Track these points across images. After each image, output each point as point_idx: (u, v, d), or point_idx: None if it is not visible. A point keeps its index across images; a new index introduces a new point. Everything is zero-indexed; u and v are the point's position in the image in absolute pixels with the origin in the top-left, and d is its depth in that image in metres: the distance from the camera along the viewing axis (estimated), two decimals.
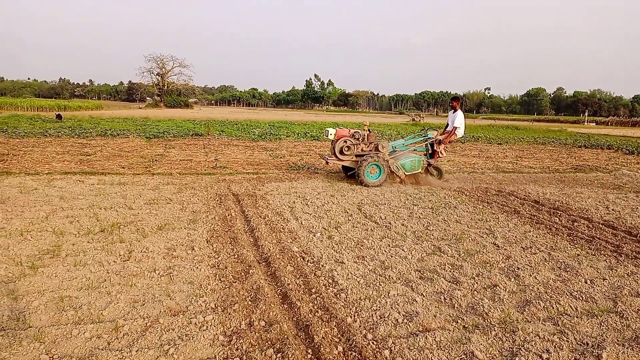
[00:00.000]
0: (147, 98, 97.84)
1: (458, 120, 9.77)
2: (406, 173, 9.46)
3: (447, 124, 10.19)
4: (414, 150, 9.88)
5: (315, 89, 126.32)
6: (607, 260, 5.06)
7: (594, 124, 61.93)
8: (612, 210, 7.57)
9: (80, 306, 3.49)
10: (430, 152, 9.98)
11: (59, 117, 27.48)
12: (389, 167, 9.19)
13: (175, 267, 4.37)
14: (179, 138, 18.23)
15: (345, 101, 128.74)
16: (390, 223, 6.27)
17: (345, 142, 9.22)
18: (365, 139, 9.39)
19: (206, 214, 6.43)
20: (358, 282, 4.19)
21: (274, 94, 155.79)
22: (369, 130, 9.55)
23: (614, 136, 30.64)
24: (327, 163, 9.81)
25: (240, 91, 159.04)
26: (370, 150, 9.35)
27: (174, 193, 7.79)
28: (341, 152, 9.26)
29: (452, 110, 10.00)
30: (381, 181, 9.12)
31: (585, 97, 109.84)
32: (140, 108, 66.72)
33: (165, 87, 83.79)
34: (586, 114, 76.75)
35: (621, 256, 5.18)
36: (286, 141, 18.89)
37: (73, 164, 10.69)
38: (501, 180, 10.65)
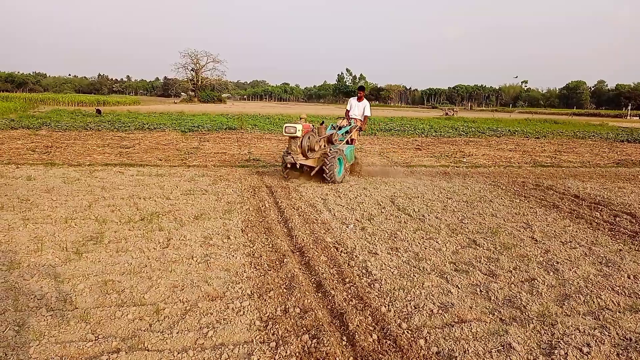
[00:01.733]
0: (182, 93, 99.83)
1: (368, 109, 9.83)
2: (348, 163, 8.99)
3: (348, 111, 10.13)
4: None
5: (347, 83, 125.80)
6: None
7: (638, 117, 59.35)
8: None
9: (123, 290, 3.63)
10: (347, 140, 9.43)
11: (98, 112, 28.39)
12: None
13: (211, 255, 4.47)
14: (213, 132, 18.55)
15: (377, 95, 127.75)
16: (424, 216, 6.21)
17: (309, 138, 8.05)
18: (320, 133, 8.63)
19: (241, 205, 6.54)
20: (392, 272, 4.19)
21: (305, 88, 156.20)
22: (321, 123, 8.94)
23: None
24: (287, 167, 8.35)
25: (272, 86, 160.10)
26: (325, 145, 8.68)
27: (209, 184, 7.95)
28: (311, 150, 8.16)
29: (356, 99, 10.09)
30: (344, 176, 8.62)
31: (629, 90, 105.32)
32: (175, 103, 68.22)
33: (199, 82, 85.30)
34: (629, 107, 73.65)
35: None
36: None
37: (113, 156, 11.05)
38: (539, 175, 10.37)
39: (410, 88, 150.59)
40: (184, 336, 2.97)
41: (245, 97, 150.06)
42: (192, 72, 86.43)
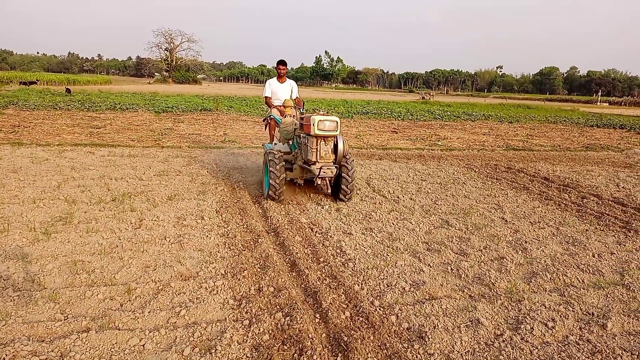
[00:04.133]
0: (156, 74, 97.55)
1: (296, 90, 7.68)
2: None
3: (268, 97, 7.54)
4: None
5: (325, 66, 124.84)
6: (616, 235, 5.05)
7: (607, 103, 60.90)
8: (623, 187, 7.51)
9: (93, 270, 3.57)
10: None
11: (68, 91, 27.52)
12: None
13: (185, 236, 4.43)
14: (187, 113, 18.23)
15: (355, 79, 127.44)
16: (398, 197, 6.28)
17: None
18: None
19: (215, 186, 6.48)
20: (366, 252, 4.23)
21: None
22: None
23: (627, 116, 30.14)
24: (296, 183, 6.26)
25: (249, 67, 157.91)
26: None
27: (184, 165, 7.84)
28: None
29: (276, 78, 7.54)
30: None
31: (599, 76, 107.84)
32: (149, 83, 66.61)
33: (174, 62, 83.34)
34: (599, 93, 75.47)
35: (630, 232, 5.16)
36: None
37: (83, 136, 10.76)
38: (511, 158, 10.57)
39: (387, 72, 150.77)
40: (155, 315, 2.95)
41: (221, 78, 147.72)
42: (166, 51, 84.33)
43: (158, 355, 2.56)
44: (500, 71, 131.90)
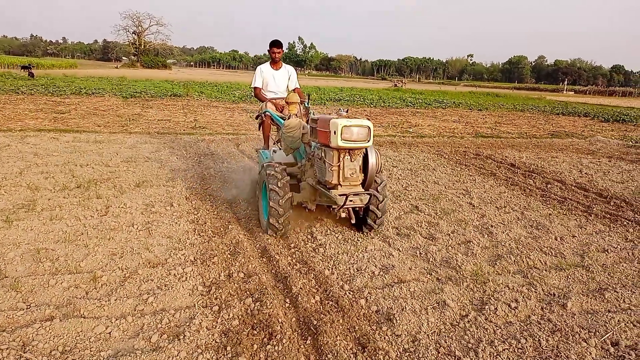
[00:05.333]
0: (123, 58, 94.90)
1: (295, 78, 6.15)
2: None
3: (258, 89, 5.97)
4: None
5: (298, 52, 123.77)
6: (578, 219, 5.23)
7: (573, 92, 62.62)
8: (585, 173, 7.77)
9: (57, 258, 3.48)
10: None
11: (30, 73, 26.50)
12: None
13: (153, 222, 4.36)
14: (157, 98, 17.83)
15: (328, 66, 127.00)
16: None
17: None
18: None
19: (185, 172, 6.39)
20: (336, 237, 4.26)
21: (255, 56, 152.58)
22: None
23: (591, 104, 31.09)
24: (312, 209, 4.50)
25: (221, 53, 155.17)
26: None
27: (152, 152, 7.68)
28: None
29: (270, 64, 5.96)
30: None
31: (566, 66, 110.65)
32: (117, 68, 64.75)
33: (142, 46, 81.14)
34: (565, 82, 77.50)
35: (591, 216, 5.36)
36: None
37: (47, 121, 10.40)
38: (479, 145, 10.78)
39: (361, 59, 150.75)
40: (122, 303, 2.90)
41: (192, 63, 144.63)
42: (133, 35, 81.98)
43: (125, 343, 2.52)
44: (471, 60, 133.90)
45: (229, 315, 2.82)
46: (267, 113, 5.56)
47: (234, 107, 16.37)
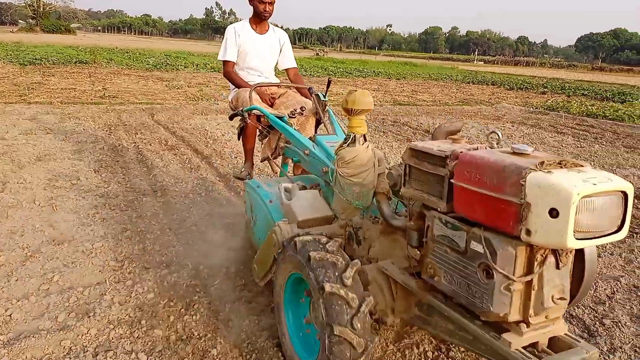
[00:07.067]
0: (20, 21, 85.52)
1: (289, 50, 4.04)
2: None
3: (231, 63, 3.69)
4: None
5: (217, 18, 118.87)
6: None
7: (482, 62, 66.22)
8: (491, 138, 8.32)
9: None
10: None
11: None
12: None
13: (58, 198, 4.07)
14: (59, 65, 16.39)
15: None
16: None
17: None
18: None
19: (93, 144, 5.99)
20: None
21: (170, 22, 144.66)
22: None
23: (498, 73, 33.11)
24: None
25: (131, 17, 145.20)
26: None
27: (56, 123, 7.11)
28: None
29: (254, 19, 3.76)
30: None
31: (477, 37, 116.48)
32: (12, 32, 58.34)
33: (41, 8, 73.62)
34: (476, 53, 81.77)
35: None
36: (184, 72, 17.85)
37: None
38: (397, 112, 11.13)
39: (282, 27, 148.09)
40: (24, 283, 2.71)
41: (99, 28, 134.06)
42: None
43: (28, 324, 2.36)
44: (390, 29, 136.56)
45: (143, 289, 2.74)
46: (253, 111, 3.16)
47: (147, 75, 15.48)
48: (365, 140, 2.16)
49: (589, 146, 7.97)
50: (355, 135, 2.12)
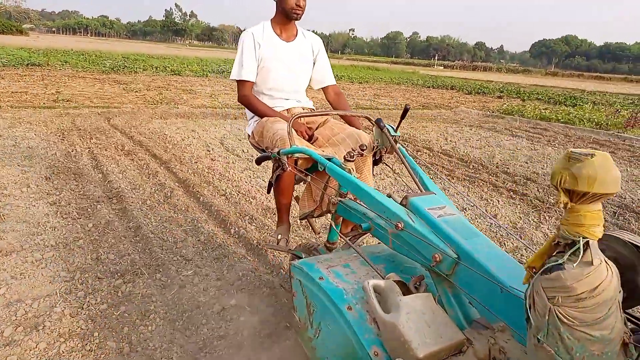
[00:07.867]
0: None
1: (327, 62, 2.98)
2: None
3: (247, 82, 2.75)
4: None
5: (177, 20, 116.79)
6: (442, 182, 5.75)
7: (442, 67, 67.90)
8: (450, 141, 8.54)
9: None
10: None
11: None
12: None
13: (6, 207, 3.88)
14: (9, 67, 15.69)
15: (210, 36, 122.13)
16: (252, 155, 6.28)
17: None
18: None
19: (45, 150, 5.76)
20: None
21: (128, 23, 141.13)
22: None
23: (457, 78, 34.01)
24: None
25: (87, 18, 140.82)
26: None
27: (5, 128, 6.79)
28: None
29: (276, 21, 2.85)
30: None
31: (437, 42, 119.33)
32: None
33: None
34: (436, 58, 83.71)
35: (453, 179, 5.92)
36: (143, 75, 17.45)
37: None
38: None
39: (245, 29, 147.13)
40: None
41: (53, 29, 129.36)
42: None
43: None
44: (353, 34, 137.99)
45: (96, 300, 2.64)
46: (295, 154, 2.21)
47: (104, 79, 15.05)
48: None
49: (542, 148, 8.29)
50: (589, 242, 1.03)
